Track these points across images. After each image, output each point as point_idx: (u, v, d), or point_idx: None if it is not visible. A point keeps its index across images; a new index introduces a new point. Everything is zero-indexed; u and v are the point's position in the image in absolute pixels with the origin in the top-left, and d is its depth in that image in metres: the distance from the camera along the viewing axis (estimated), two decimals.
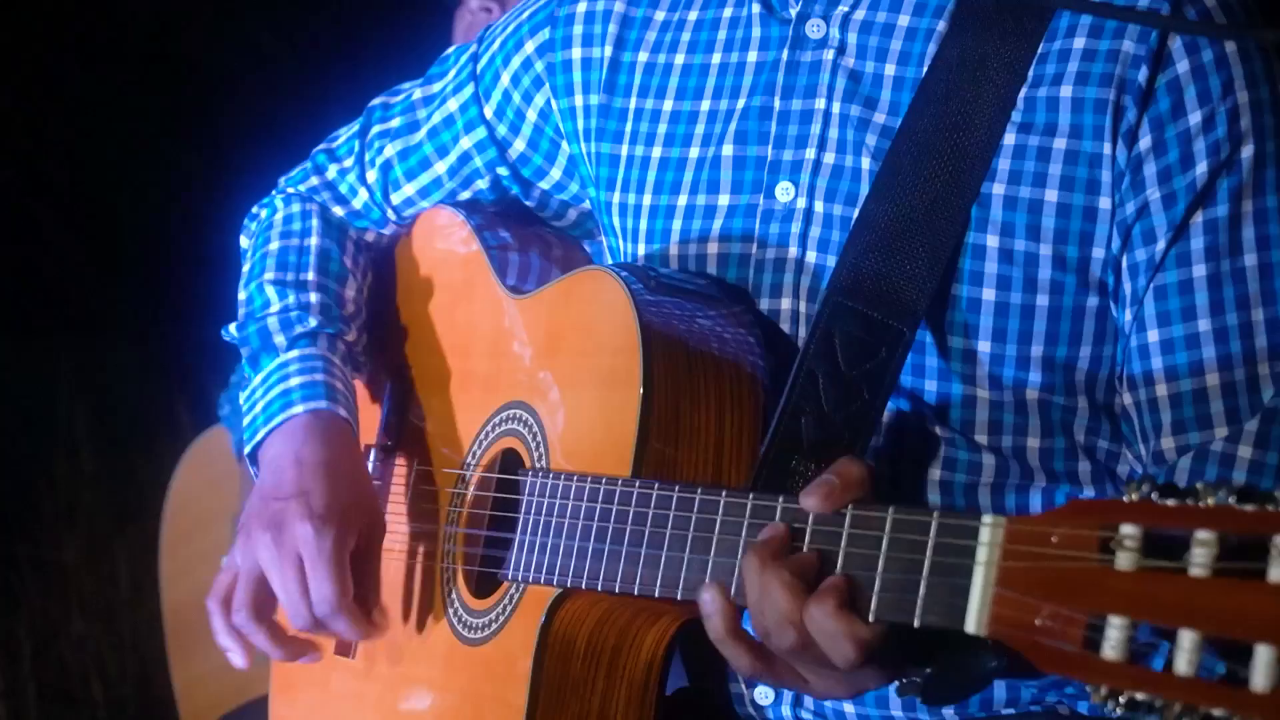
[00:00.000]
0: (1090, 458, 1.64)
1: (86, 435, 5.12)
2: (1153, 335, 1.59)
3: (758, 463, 1.56)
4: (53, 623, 4.62)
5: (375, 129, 2.00)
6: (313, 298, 1.91)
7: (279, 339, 1.88)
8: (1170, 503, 1.09)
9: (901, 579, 1.32)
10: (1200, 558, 1.07)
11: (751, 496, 1.47)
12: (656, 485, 1.53)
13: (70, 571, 4.77)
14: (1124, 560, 1.10)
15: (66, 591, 4.71)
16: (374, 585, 1.81)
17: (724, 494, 1.48)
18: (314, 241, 1.97)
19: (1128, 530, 1.12)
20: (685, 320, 1.63)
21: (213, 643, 1.78)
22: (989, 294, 1.60)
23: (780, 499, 1.44)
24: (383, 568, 1.83)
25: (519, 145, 1.91)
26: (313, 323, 1.89)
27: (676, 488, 1.52)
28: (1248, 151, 1.57)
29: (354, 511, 1.77)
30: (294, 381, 1.84)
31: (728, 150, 1.73)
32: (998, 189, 1.60)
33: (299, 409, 1.82)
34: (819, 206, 1.67)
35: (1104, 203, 1.59)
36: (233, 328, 1.95)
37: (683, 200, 1.75)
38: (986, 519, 1.27)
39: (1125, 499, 1.12)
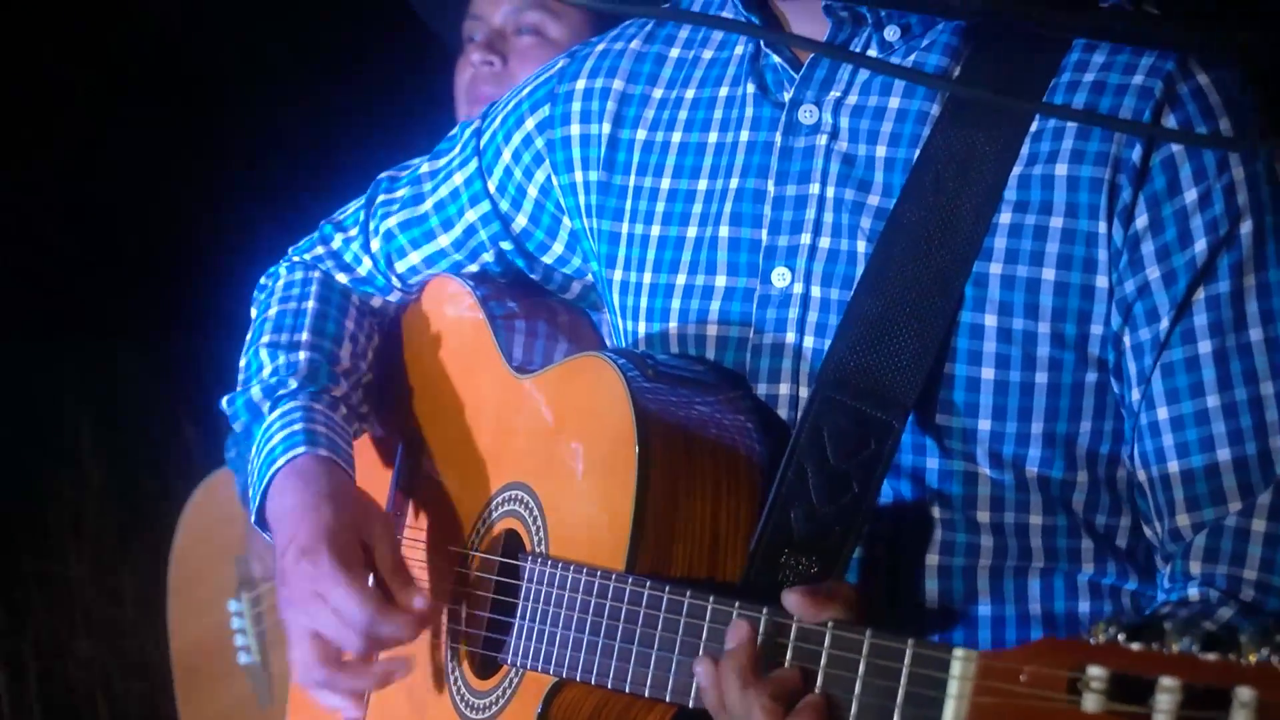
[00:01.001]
0: (1090, 534, 1.68)
1: (92, 448, 5.16)
2: (1162, 413, 1.63)
3: (747, 558, 1.62)
4: (59, 641, 4.68)
5: (381, 199, 2.06)
6: (301, 356, 1.98)
7: (264, 406, 1.95)
8: (1136, 647, 1.14)
9: (877, 704, 1.39)
10: (1164, 704, 1.12)
11: (738, 606, 1.52)
12: (648, 584, 1.59)
13: (76, 587, 4.82)
14: (1090, 702, 1.15)
15: (72, 609, 4.76)
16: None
17: (711, 600, 1.54)
18: (311, 305, 2.03)
19: (1095, 672, 1.17)
20: (682, 409, 1.68)
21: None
22: (988, 373, 1.65)
23: (764, 610, 1.50)
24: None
25: (521, 220, 1.96)
26: (293, 384, 1.95)
27: (667, 588, 1.58)
28: (1246, 227, 1.62)
29: (343, 531, 1.81)
30: (275, 439, 1.90)
31: (724, 232, 1.78)
32: (995, 268, 1.65)
33: (280, 462, 1.88)
34: (815, 291, 1.71)
35: (1101, 281, 1.63)
36: (225, 401, 2.01)
37: (682, 279, 1.80)
38: (959, 653, 1.32)
39: (1093, 640, 1.17)
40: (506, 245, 1.98)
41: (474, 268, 2.01)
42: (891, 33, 1.73)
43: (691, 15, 1.85)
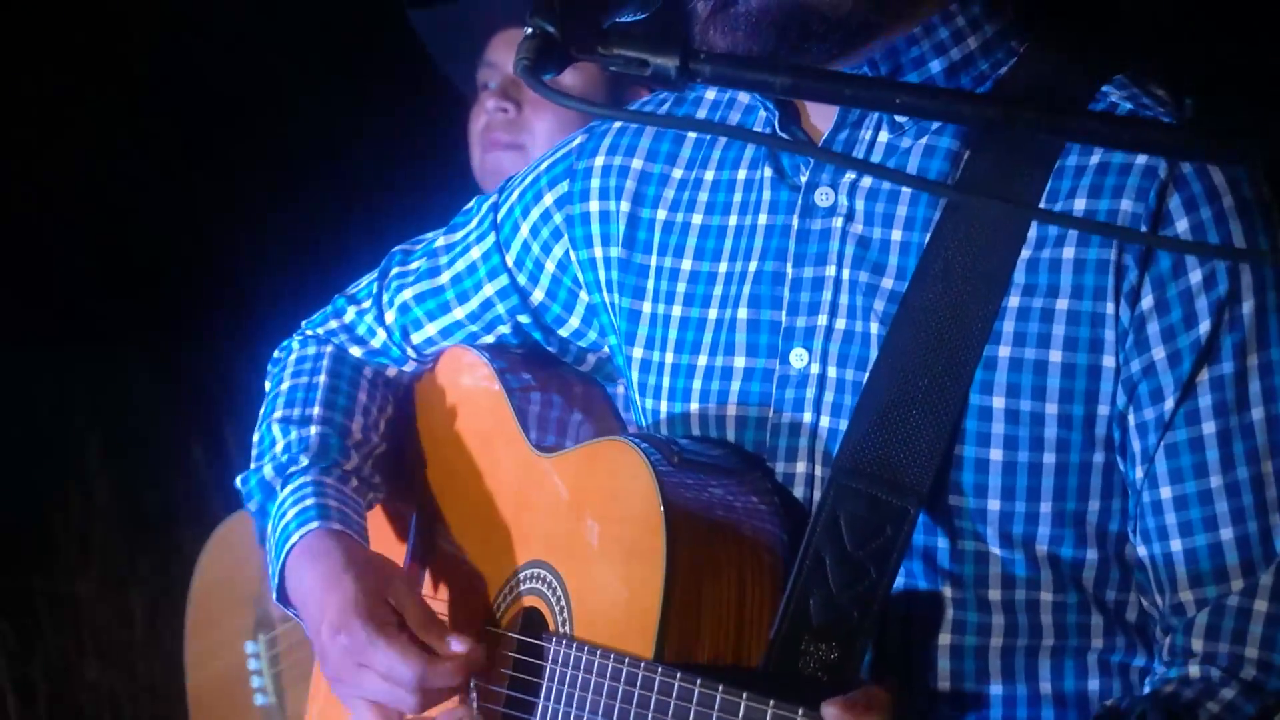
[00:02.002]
0: (1100, 609, 1.73)
1: (99, 467, 5.22)
2: (1165, 492, 1.68)
3: (768, 645, 1.68)
4: (69, 665, 4.72)
5: (395, 271, 2.12)
6: (312, 431, 2.03)
7: (276, 484, 2.01)
8: None
9: None
10: None
11: (771, 705, 1.58)
12: (679, 675, 1.65)
13: (85, 607, 4.88)
14: None
15: (81, 630, 4.81)
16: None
17: (745, 698, 1.60)
18: (322, 379, 2.09)
19: None
20: (706, 494, 1.75)
21: None
22: (996, 454, 1.70)
23: (800, 712, 1.56)
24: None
25: (538, 294, 2.02)
26: (304, 461, 2.00)
27: (699, 681, 1.63)
28: (1249, 306, 1.67)
29: (369, 597, 1.86)
30: (289, 516, 1.96)
31: (743, 314, 1.84)
32: (1003, 351, 1.71)
33: (295, 538, 1.94)
34: (831, 372, 1.78)
35: (1108, 361, 1.69)
36: (239, 481, 2.08)
37: (702, 360, 1.86)
38: None
39: None
40: (524, 318, 2.04)
41: (490, 339, 2.06)
42: (913, 83, 1.78)
43: (701, 124, 1.92)
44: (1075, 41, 1.81)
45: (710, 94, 1.95)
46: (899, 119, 1.78)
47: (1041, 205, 1.71)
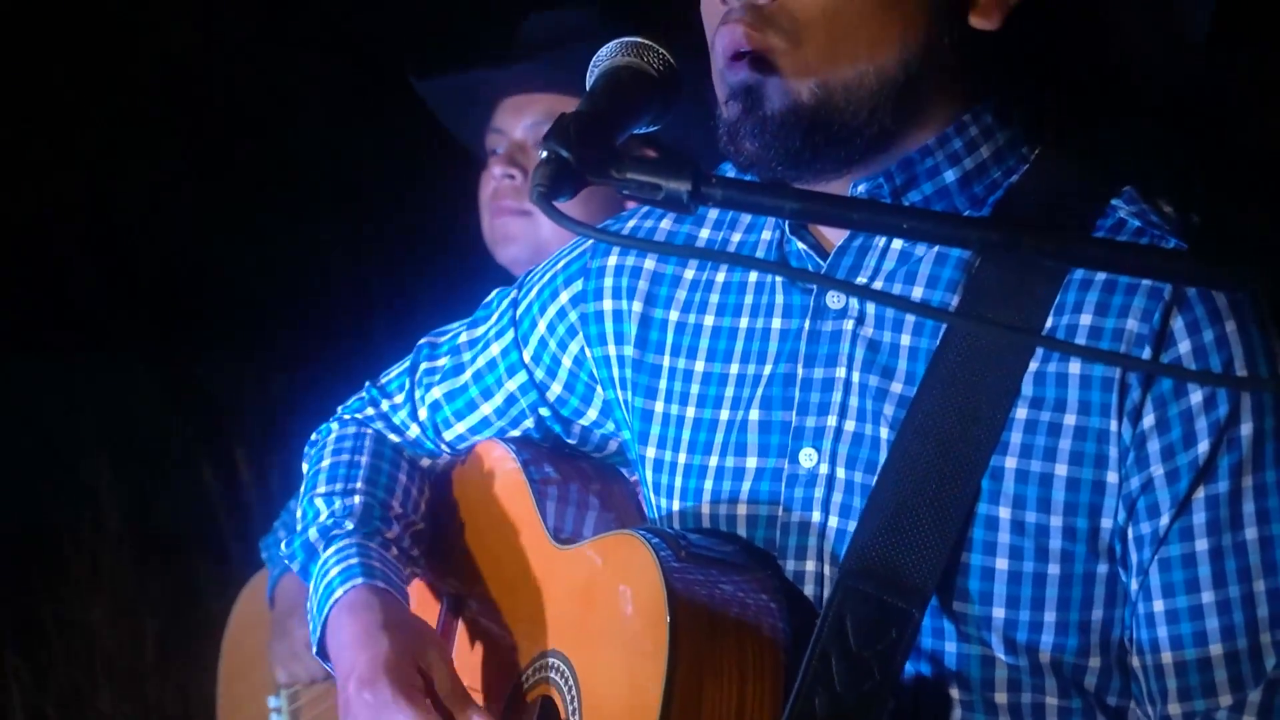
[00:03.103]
0: (1104, 712, 1.79)
1: (110, 490, 5.27)
2: (1158, 605, 1.73)
3: None
4: (80, 695, 4.77)
5: (423, 367, 2.19)
6: (356, 501, 2.10)
7: (320, 546, 2.07)
8: None
9: None
10: None
11: None
12: None
13: (96, 634, 4.93)
14: None
15: (93, 658, 4.86)
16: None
17: None
18: (365, 458, 2.16)
19: None
20: (713, 589, 1.80)
21: None
22: (1002, 563, 1.76)
23: None
24: None
25: (556, 388, 2.09)
26: (349, 525, 2.07)
27: None
28: (1247, 429, 1.72)
29: (400, 659, 1.92)
30: (332, 573, 2.02)
31: (754, 415, 1.89)
32: (1010, 462, 1.76)
33: (338, 593, 2.00)
34: (840, 473, 1.83)
35: (1111, 477, 1.74)
36: (283, 545, 2.15)
37: (714, 461, 1.92)
38: None
39: None
40: (544, 411, 2.11)
41: (517, 432, 2.14)
42: (921, 208, 1.83)
43: (713, 253, 1.98)
44: (1085, 148, 1.87)
45: None
46: (911, 206, 1.83)
47: (1049, 318, 1.76)
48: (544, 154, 1.65)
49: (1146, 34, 1.87)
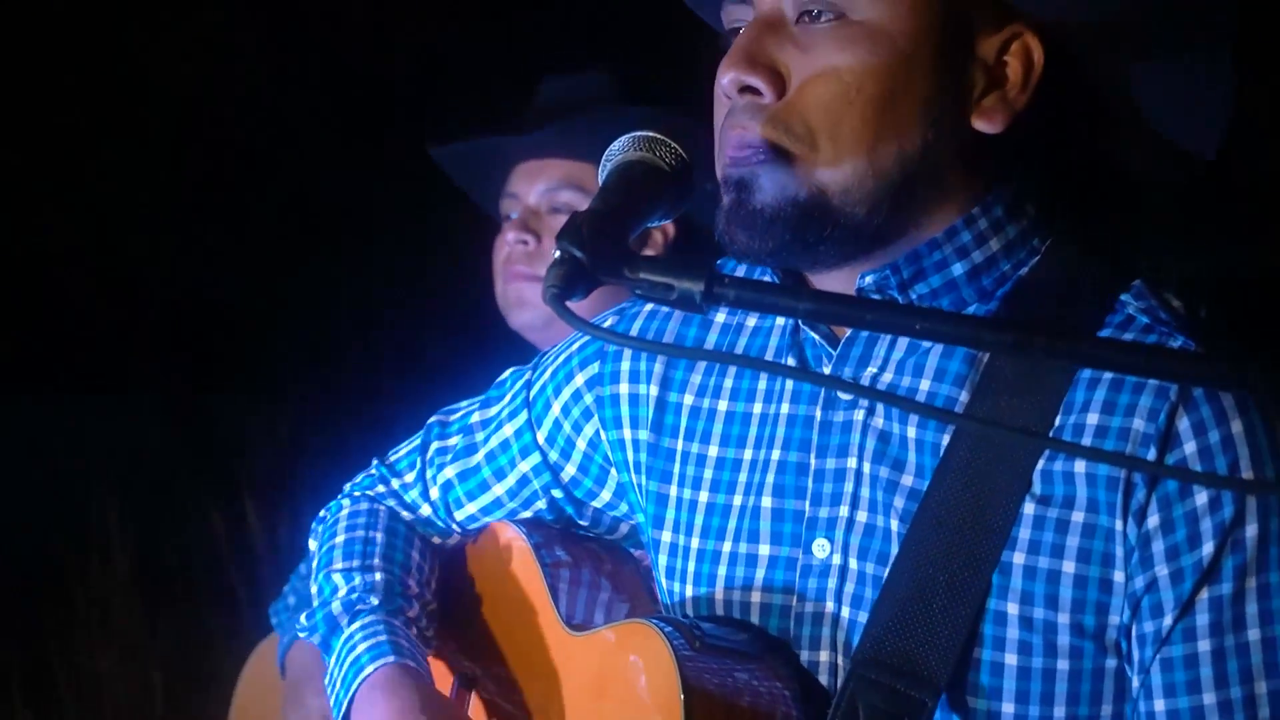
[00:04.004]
0: None
1: (119, 538, 5.28)
2: (1159, 704, 1.75)
3: None
4: None
5: (435, 446, 2.21)
6: (377, 577, 2.12)
7: (343, 619, 2.10)
8: None
9: None
10: None
11: None
12: None
13: (105, 680, 4.93)
14: None
15: (102, 706, 4.86)
16: None
17: None
18: (379, 535, 2.18)
19: None
20: (727, 678, 1.82)
21: None
22: (1011, 658, 1.77)
23: None
24: None
25: (570, 470, 2.11)
26: (374, 601, 2.09)
27: None
28: (1252, 530, 1.73)
29: None
30: (360, 649, 2.05)
31: (767, 502, 1.92)
32: (1018, 558, 1.77)
33: (369, 670, 2.02)
34: (853, 564, 1.85)
35: (1118, 575, 1.75)
36: (303, 617, 2.17)
37: (727, 547, 1.94)
38: None
39: None
40: (557, 493, 2.13)
41: (528, 513, 2.16)
42: (933, 309, 1.85)
43: (725, 356, 1.99)
44: (1094, 242, 1.89)
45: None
46: (923, 307, 1.85)
47: (1058, 415, 1.78)
48: (557, 253, 1.67)
49: (1156, 149, 1.89)
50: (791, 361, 1.94)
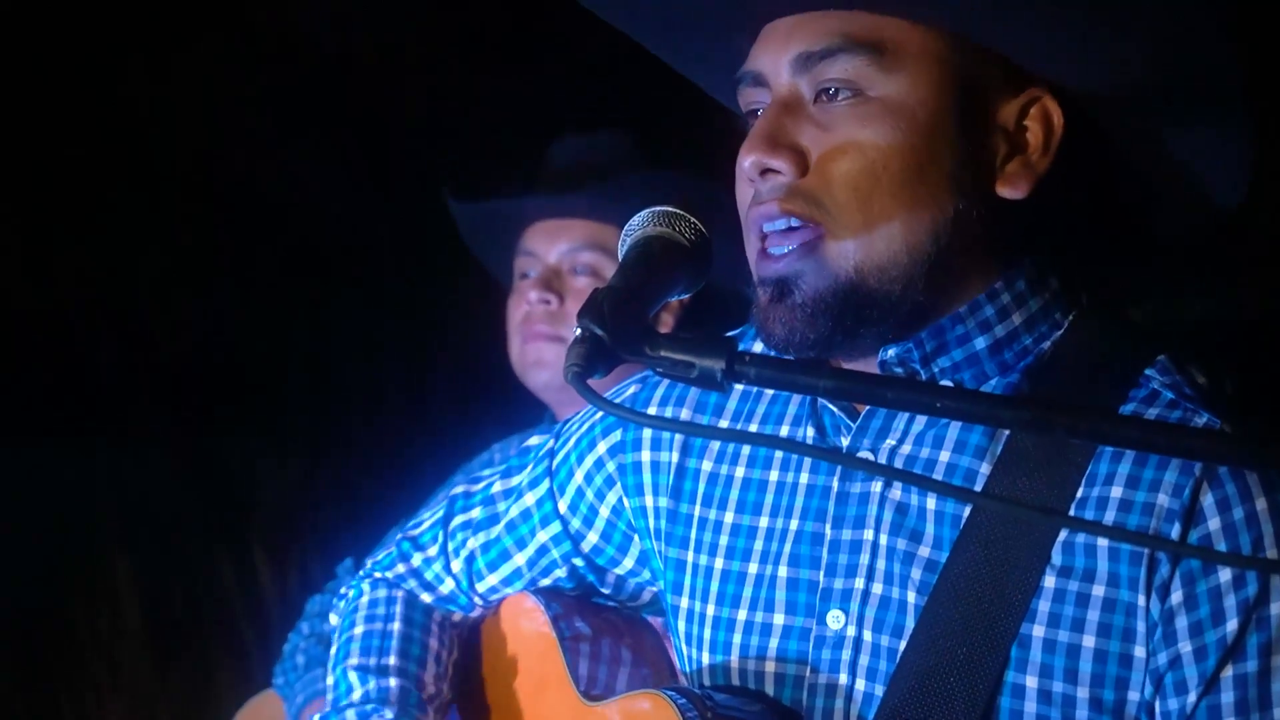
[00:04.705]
0: None
1: (127, 585, 5.27)
2: None
3: None
4: None
5: (457, 519, 2.22)
6: (392, 683, 2.13)
7: None
8: None
9: None
10: None
11: None
12: None
13: None
14: None
15: None
16: None
17: None
18: (396, 626, 2.18)
19: None
20: None
21: None
22: None
23: None
24: None
25: (592, 538, 2.12)
26: (388, 714, 2.10)
27: None
28: (1276, 608, 1.72)
29: None
30: None
31: (783, 571, 1.92)
32: (1037, 631, 1.77)
33: None
34: (868, 636, 1.85)
35: (1139, 651, 1.75)
36: (317, 718, 2.16)
37: (742, 615, 1.94)
38: None
39: None
40: (578, 561, 2.13)
41: (547, 582, 2.16)
42: (952, 387, 1.85)
43: (736, 434, 1.99)
44: (1119, 315, 1.90)
45: (757, 347, 2.02)
46: (944, 385, 1.85)
47: (1080, 488, 1.78)
48: (578, 331, 1.67)
49: (1181, 200, 1.89)
50: (810, 431, 1.94)
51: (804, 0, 1.83)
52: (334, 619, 2.27)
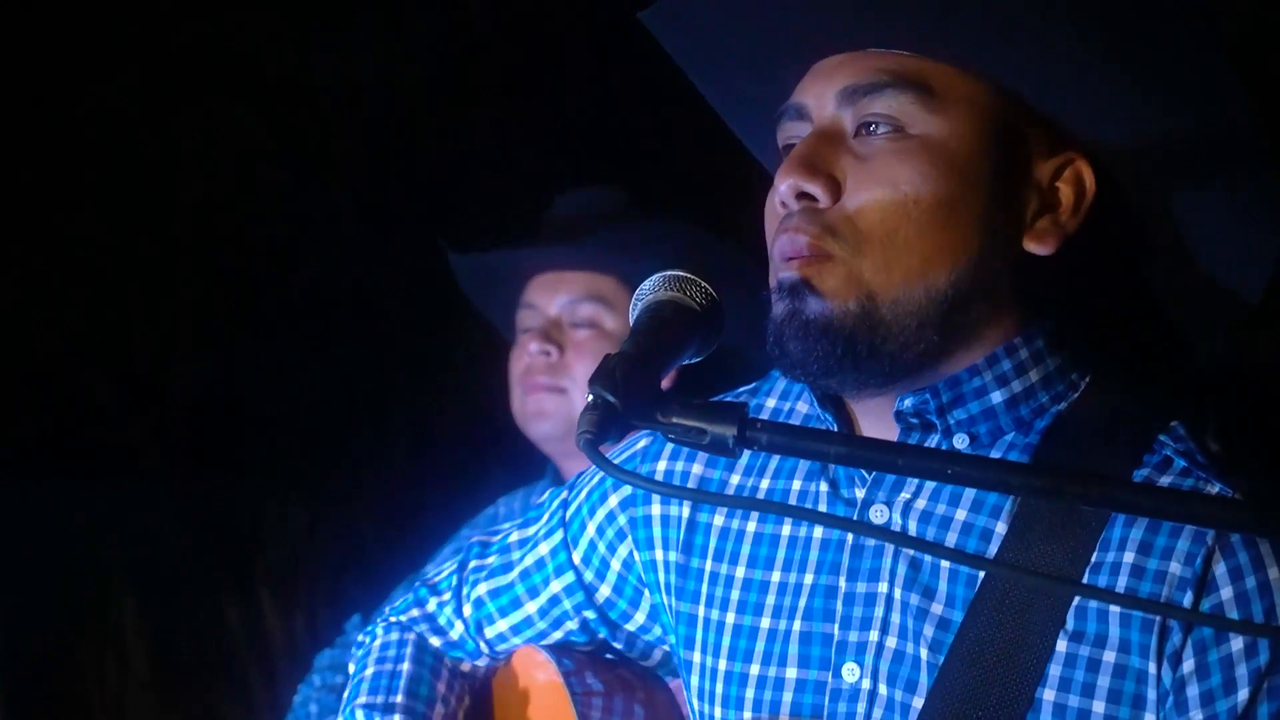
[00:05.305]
0: None
1: (134, 631, 5.27)
2: None
3: None
4: None
5: (472, 564, 2.22)
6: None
7: None
8: None
9: None
10: None
11: None
12: None
13: None
14: None
15: None
16: None
17: None
18: (406, 667, 2.18)
19: None
20: None
21: None
22: None
23: None
24: None
25: (605, 590, 2.12)
26: None
27: None
28: None
29: None
30: None
31: (797, 625, 1.92)
32: (1048, 694, 1.77)
33: None
34: (882, 689, 1.85)
35: (1149, 718, 1.75)
36: None
37: (755, 669, 1.94)
38: None
39: None
40: (590, 614, 2.14)
41: (558, 635, 2.16)
42: (960, 440, 1.87)
43: (746, 501, 1.99)
44: (1134, 380, 1.90)
45: (771, 402, 2.04)
46: (957, 445, 1.87)
47: (1094, 553, 1.79)
48: (590, 398, 1.67)
49: (1200, 289, 1.89)
50: (824, 486, 1.95)
51: (856, 39, 1.85)
52: (351, 667, 2.26)
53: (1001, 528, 1.82)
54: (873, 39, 1.84)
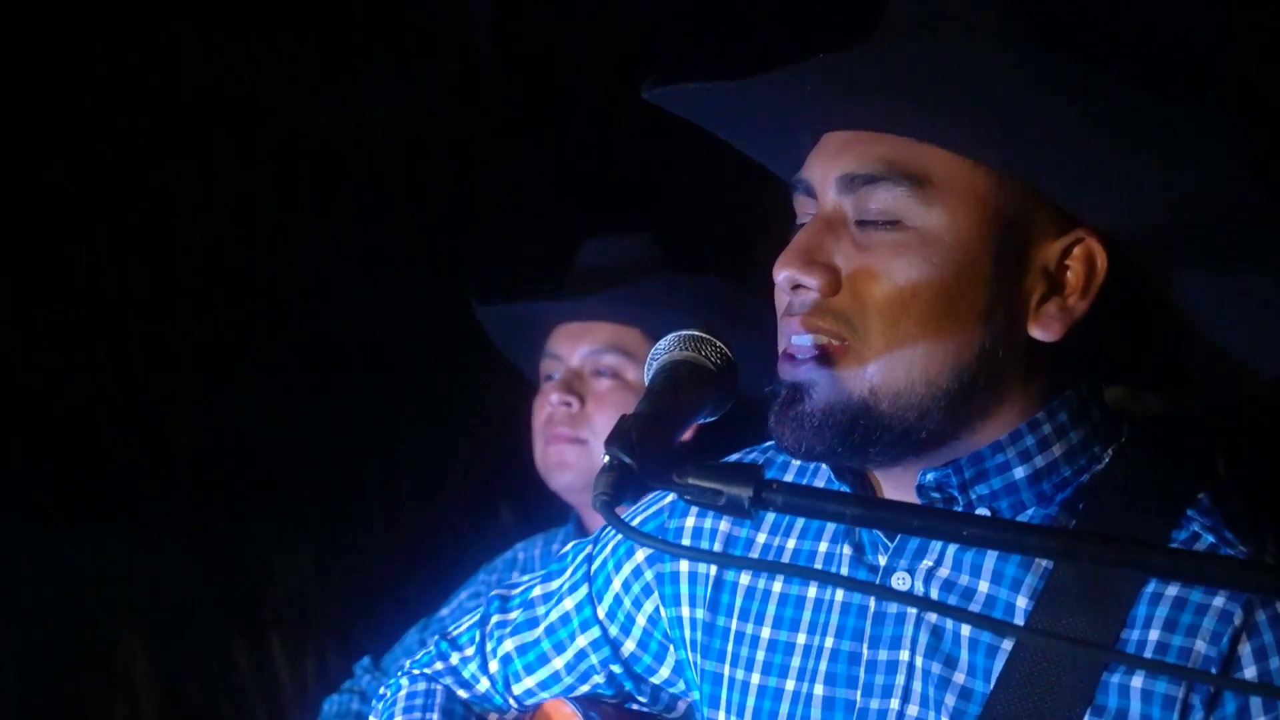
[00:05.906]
0: None
1: (144, 676, 5.26)
2: None
3: None
4: None
5: (495, 619, 2.24)
6: None
7: None
8: None
9: None
10: None
11: None
12: None
13: None
14: None
15: None
16: None
17: None
18: (436, 716, 2.19)
19: None
20: None
21: None
22: None
23: None
24: None
25: (630, 645, 2.14)
26: None
27: None
28: None
29: None
30: None
31: (819, 690, 1.93)
32: None
33: None
34: None
35: None
36: None
37: None
38: None
39: None
40: (616, 668, 2.16)
41: (585, 688, 2.18)
42: (982, 515, 1.86)
43: (769, 564, 2.00)
44: (1159, 452, 1.89)
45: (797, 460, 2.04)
46: (984, 510, 1.87)
47: (1122, 630, 1.78)
48: (606, 459, 1.67)
49: (1219, 366, 1.89)
50: (848, 549, 1.96)
51: (856, 118, 1.86)
52: (372, 719, 2.27)
53: (1024, 602, 1.82)
54: (873, 124, 1.85)
